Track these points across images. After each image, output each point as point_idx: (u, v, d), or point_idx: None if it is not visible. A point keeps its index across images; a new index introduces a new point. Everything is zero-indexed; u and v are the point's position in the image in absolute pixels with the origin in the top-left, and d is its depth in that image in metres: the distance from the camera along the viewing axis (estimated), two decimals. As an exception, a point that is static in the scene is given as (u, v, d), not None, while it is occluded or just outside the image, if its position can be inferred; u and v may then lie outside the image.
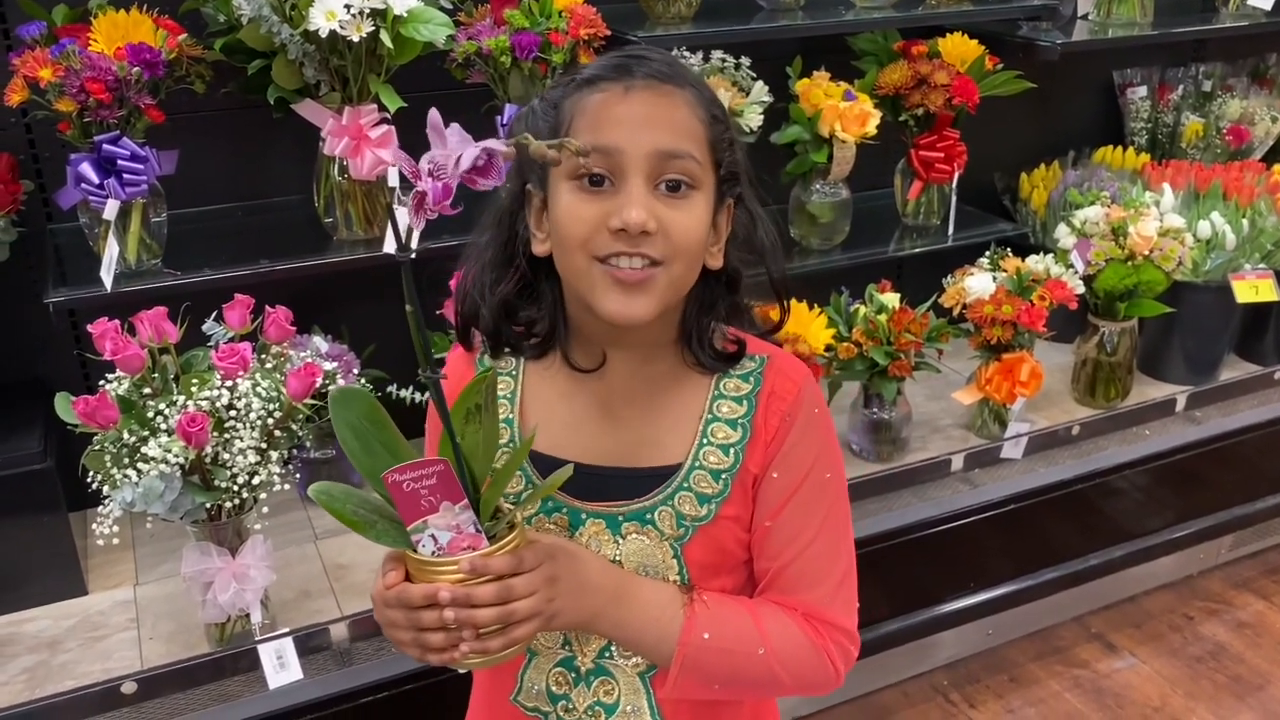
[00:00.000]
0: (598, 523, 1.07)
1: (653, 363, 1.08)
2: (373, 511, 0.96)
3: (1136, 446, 2.50)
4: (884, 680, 2.43)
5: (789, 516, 1.07)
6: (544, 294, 1.06)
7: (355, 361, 2.02)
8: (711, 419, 1.07)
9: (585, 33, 1.92)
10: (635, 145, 0.95)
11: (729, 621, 1.05)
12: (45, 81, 1.65)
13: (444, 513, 0.91)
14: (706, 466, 1.06)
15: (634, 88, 0.97)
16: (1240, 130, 2.86)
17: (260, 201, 2.14)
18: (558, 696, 1.11)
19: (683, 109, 0.98)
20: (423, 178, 0.83)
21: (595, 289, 0.98)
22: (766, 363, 1.09)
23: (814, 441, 1.08)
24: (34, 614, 1.86)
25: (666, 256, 0.97)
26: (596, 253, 0.96)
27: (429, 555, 0.93)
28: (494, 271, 1.06)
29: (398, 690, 1.80)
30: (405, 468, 0.89)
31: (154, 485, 1.52)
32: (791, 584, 1.07)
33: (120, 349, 1.56)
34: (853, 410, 2.31)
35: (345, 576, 1.94)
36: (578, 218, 0.96)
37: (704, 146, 0.99)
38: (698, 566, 1.07)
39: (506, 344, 1.08)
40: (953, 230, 2.47)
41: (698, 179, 0.99)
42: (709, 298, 1.06)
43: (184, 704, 1.70)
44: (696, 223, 0.99)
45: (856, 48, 2.46)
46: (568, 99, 1.00)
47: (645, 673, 1.10)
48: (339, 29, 1.69)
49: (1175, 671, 2.50)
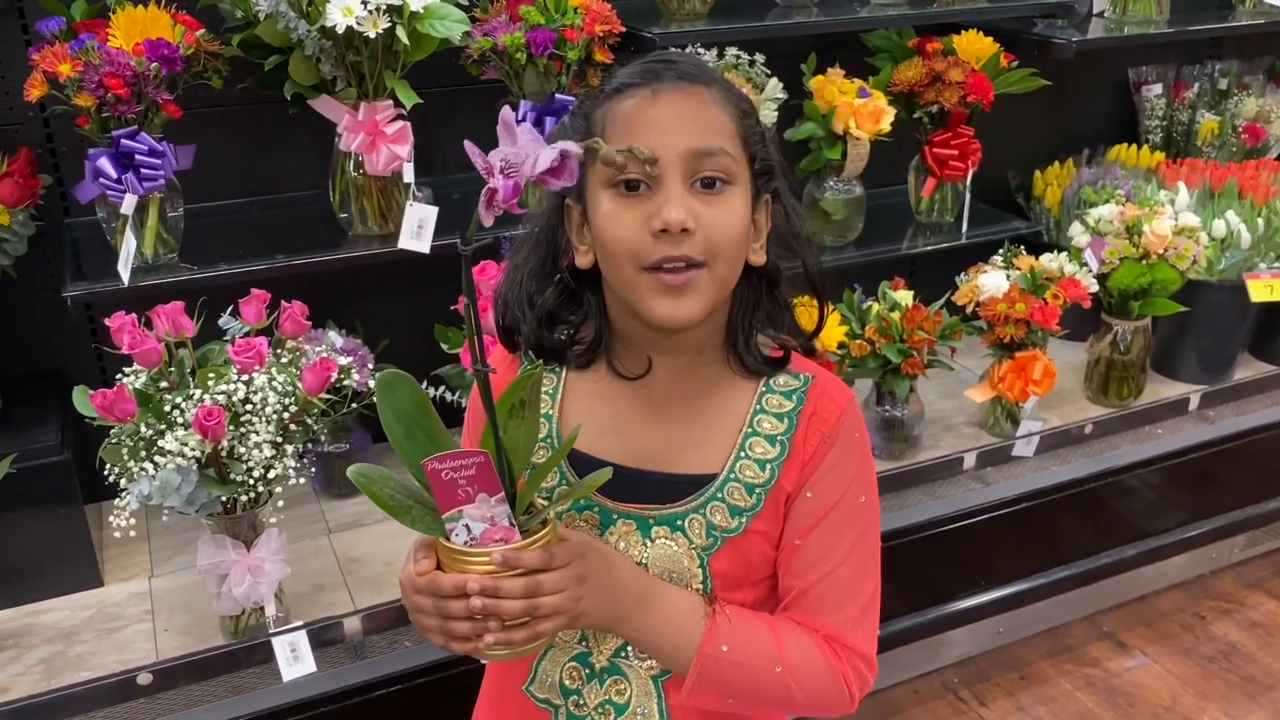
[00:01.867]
0: (628, 524, 1.07)
1: (697, 370, 1.08)
2: (409, 496, 0.97)
3: (1149, 445, 2.49)
4: (895, 678, 2.43)
5: (819, 537, 1.06)
6: (587, 304, 1.07)
7: (369, 356, 2.03)
8: (751, 433, 1.07)
9: (600, 29, 1.93)
10: (669, 146, 0.96)
11: (749, 636, 1.05)
12: (64, 77, 1.66)
13: (480, 504, 0.91)
14: (742, 479, 1.06)
15: (662, 90, 0.97)
16: (1256, 128, 2.85)
17: (276, 197, 2.15)
18: (570, 691, 1.11)
19: (712, 106, 0.99)
20: (495, 174, 0.82)
21: (643, 296, 0.98)
22: (811, 382, 1.09)
23: (851, 465, 1.08)
24: (50, 605, 1.88)
25: (708, 256, 0.97)
26: (644, 262, 0.97)
27: (461, 545, 0.93)
28: (535, 283, 1.07)
29: (411, 683, 1.80)
30: (446, 456, 0.90)
31: (170, 478, 1.53)
32: (815, 605, 1.07)
33: (137, 343, 1.57)
34: (865, 408, 2.31)
35: (359, 570, 1.95)
36: (620, 225, 0.97)
37: (737, 142, 1.00)
38: (722, 577, 1.07)
39: (551, 354, 1.08)
40: (966, 228, 2.47)
41: (733, 174, 0.99)
42: (753, 297, 1.06)
43: (199, 695, 1.71)
44: (736, 218, 0.99)
45: (871, 45, 2.46)
46: (598, 109, 1.01)
47: (659, 676, 1.09)
48: (356, 25, 1.69)
49: (1187, 671, 2.50)
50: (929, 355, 2.18)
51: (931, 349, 2.18)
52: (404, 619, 1.82)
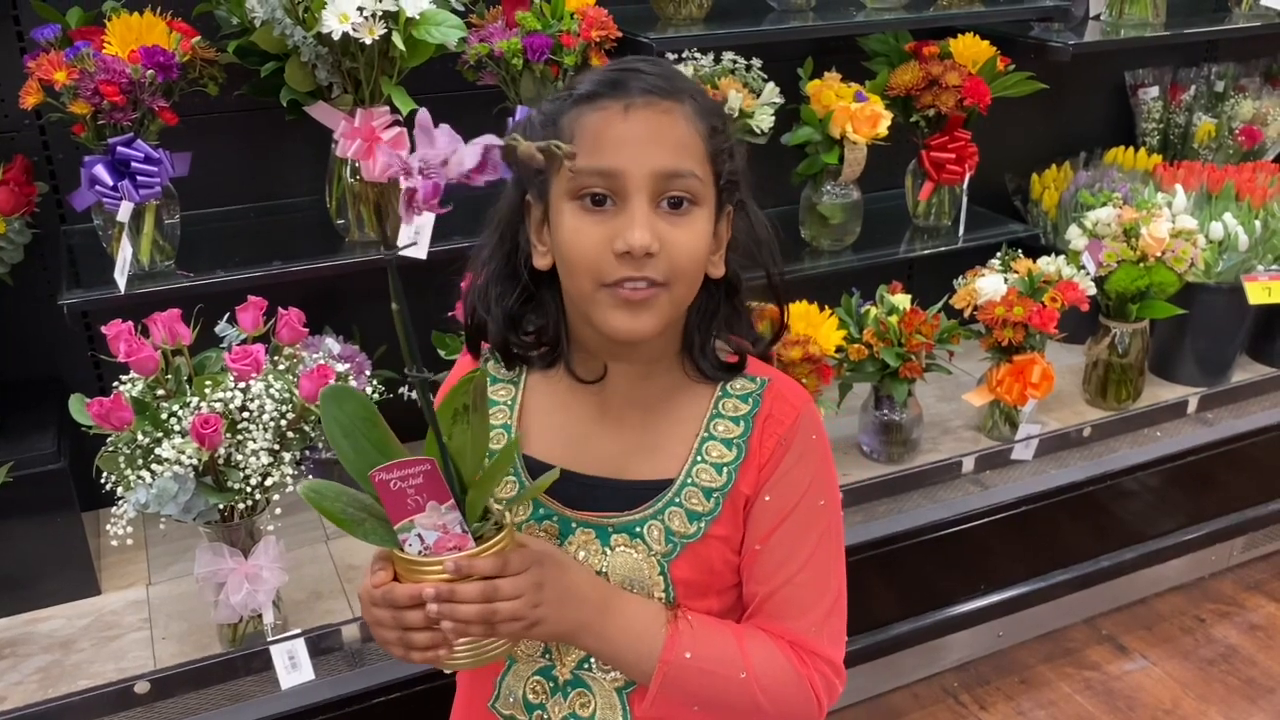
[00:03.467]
0: (587, 532, 1.06)
1: (653, 377, 1.08)
2: (361, 510, 0.96)
3: (1148, 448, 2.49)
4: (894, 682, 2.43)
5: (779, 541, 1.06)
6: (547, 304, 1.06)
7: (367, 362, 2.03)
8: (708, 437, 1.07)
9: (597, 34, 1.93)
10: (637, 166, 0.95)
11: (712, 642, 1.04)
12: (60, 84, 1.66)
13: (430, 512, 0.91)
14: (699, 484, 1.06)
15: (634, 106, 0.96)
16: (1253, 131, 2.85)
17: (273, 203, 2.14)
18: (534, 705, 1.10)
19: (683, 125, 0.97)
20: (413, 174, 0.82)
21: (601, 310, 0.98)
22: (767, 385, 1.08)
23: (809, 468, 1.07)
24: (47, 613, 1.87)
25: (669, 278, 0.97)
26: (604, 280, 0.96)
27: (415, 555, 0.93)
28: (499, 285, 1.06)
29: (409, 691, 1.80)
30: (392, 466, 0.89)
31: (167, 486, 1.52)
32: (779, 610, 1.06)
33: (134, 351, 1.56)
34: (863, 411, 2.31)
35: (357, 577, 1.94)
36: (582, 240, 0.96)
37: (705, 162, 0.99)
38: (684, 585, 1.06)
39: (515, 355, 1.08)
40: (964, 231, 2.47)
41: (699, 195, 0.98)
42: (710, 306, 1.06)
43: (196, 704, 1.70)
44: (699, 239, 0.98)
45: (868, 49, 2.46)
46: (565, 114, 0.98)
47: (623, 688, 1.08)
48: (352, 31, 1.69)
49: (1187, 674, 2.50)
50: (927, 359, 2.18)
51: (930, 353, 2.18)
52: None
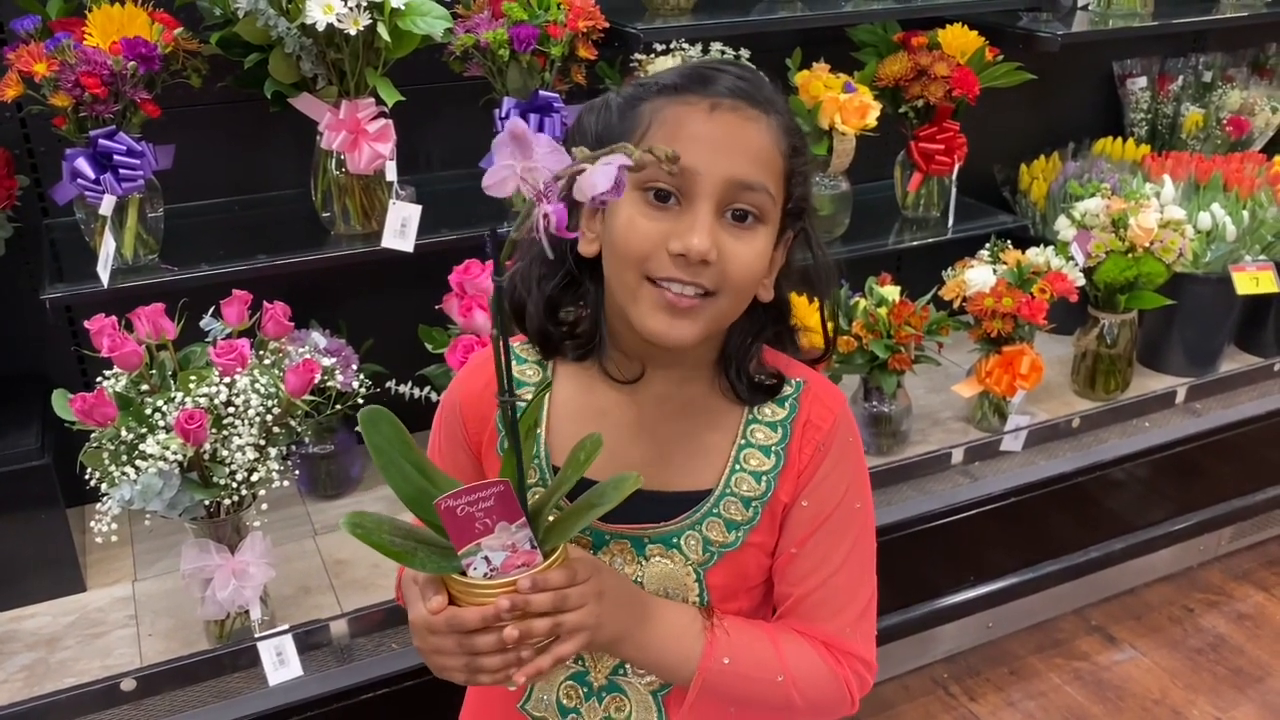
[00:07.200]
0: (622, 543, 1.05)
1: (689, 384, 1.05)
2: (408, 538, 0.92)
3: (1136, 439, 2.49)
4: (884, 673, 2.43)
5: (816, 545, 1.05)
6: (588, 294, 1.03)
7: (354, 356, 2.01)
8: (745, 445, 1.05)
9: (584, 24, 1.91)
10: (712, 169, 0.92)
11: (750, 648, 1.03)
12: (40, 76, 1.64)
13: (500, 533, 0.88)
14: (738, 494, 1.04)
15: (720, 107, 0.93)
16: (1240, 121, 2.85)
17: (257, 196, 2.13)
18: (567, 709, 1.09)
19: (765, 136, 0.95)
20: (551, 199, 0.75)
21: (641, 306, 0.95)
22: (803, 388, 1.06)
23: (846, 471, 1.06)
24: (32, 611, 1.86)
25: (720, 288, 0.94)
26: (652, 274, 0.93)
27: (480, 578, 0.89)
28: (542, 266, 1.03)
29: (398, 687, 1.79)
30: (461, 493, 0.86)
31: (152, 483, 1.51)
32: (813, 612, 1.06)
33: (118, 346, 1.55)
34: (852, 404, 2.31)
35: (345, 573, 1.93)
36: (639, 233, 0.93)
37: (779, 180, 0.96)
38: (718, 590, 1.06)
39: (554, 344, 1.05)
40: (952, 222, 2.46)
41: (766, 213, 0.96)
42: (752, 328, 1.03)
43: (184, 701, 1.69)
44: (757, 257, 0.96)
45: (856, 39, 2.45)
46: (648, 102, 0.96)
47: (658, 691, 1.08)
48: (336, 22, 1.68)
49: (1175, 663, 2.50)
50: (916, 350, 2.18)
51: (919, 344, 2.17)
52: (391, 621, 1.81)
